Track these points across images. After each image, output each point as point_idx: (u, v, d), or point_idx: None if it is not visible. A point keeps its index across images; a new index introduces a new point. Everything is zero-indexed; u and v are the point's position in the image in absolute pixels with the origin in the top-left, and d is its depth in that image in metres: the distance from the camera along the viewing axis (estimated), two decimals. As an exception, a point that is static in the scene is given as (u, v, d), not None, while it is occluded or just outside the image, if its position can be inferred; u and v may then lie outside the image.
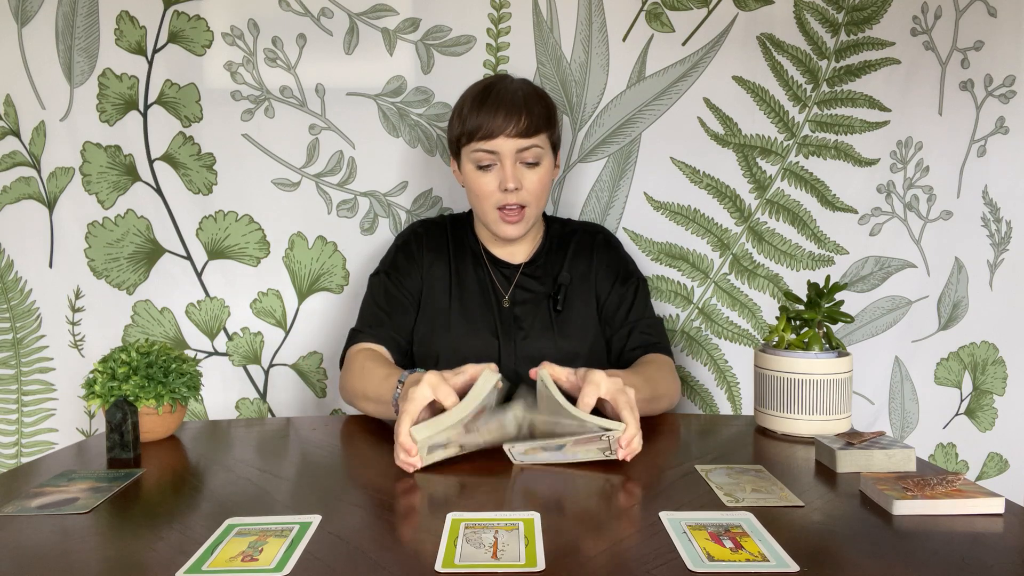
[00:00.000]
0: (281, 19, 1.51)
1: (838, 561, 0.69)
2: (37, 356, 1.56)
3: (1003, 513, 0.78)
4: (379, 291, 1.35)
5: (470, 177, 1.30)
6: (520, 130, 1.24)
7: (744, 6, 1.54)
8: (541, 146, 1.28)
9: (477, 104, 1.26)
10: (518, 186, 1.27)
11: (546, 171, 1.30)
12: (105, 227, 1.53)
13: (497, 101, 1.25)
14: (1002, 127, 1.63)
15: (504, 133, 1.24)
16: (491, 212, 1.30)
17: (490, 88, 1.28)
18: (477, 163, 1.28)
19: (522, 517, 0.77)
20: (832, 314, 1.13)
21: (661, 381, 1.24)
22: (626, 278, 1.38)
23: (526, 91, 1.29)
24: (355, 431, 1.18)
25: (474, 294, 1.35)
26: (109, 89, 1.50)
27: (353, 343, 1.30)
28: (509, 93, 1.26)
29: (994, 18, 1.59)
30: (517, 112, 1.24)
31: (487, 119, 1.24)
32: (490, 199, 1.29)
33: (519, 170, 1.28)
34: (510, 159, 1.26)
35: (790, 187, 1.59)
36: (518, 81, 1.32)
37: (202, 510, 0.83)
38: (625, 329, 1.35)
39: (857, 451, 0.92)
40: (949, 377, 1.69)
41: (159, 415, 1.08)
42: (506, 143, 1.25)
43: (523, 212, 1.30)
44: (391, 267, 1.37)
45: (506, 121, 1.24)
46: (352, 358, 1.26)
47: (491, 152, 1.26)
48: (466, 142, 1.28)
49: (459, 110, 1.30)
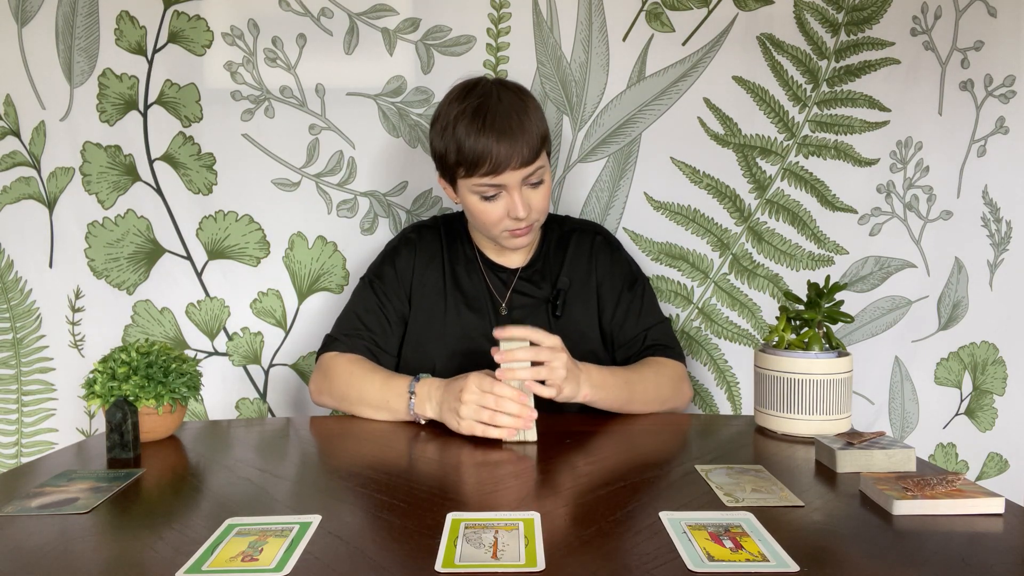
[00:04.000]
0: (281, 19, 1.51)
1: (838, 561, 0.69)
2: (37, 356, 1.57)
3: (1003, 513, 0.78)
4: (360, 300, 1.35)
5: (474, 206, 1.24)
6: (524, 159, 1.18)
7: (744, 6, 1.54)
8: (543, 165, 1.24)
9: (474, 132, 1.17)
10: (528, 212, 1.22)
11: (548, 184, 1.26)
12: (105, 227, 1.53)
13: (495, 130, 1.16)
14: (1002, 127, 1.63)
15: (510, 167, 1.17)
16: (500, 234, 1.27)
17: (483, 111, 1.18)
18: (481, 195, 1.22)
19: (522, 517, 0.77)
20: (832, 314, 1.13)
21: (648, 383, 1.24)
22: (632, 283, 1.37)
23: (517, 108, 1.19)
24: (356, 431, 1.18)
25: (470, 300, 1.34)
26: (109, 89, 1.50)
27: (327, 350, 1.31)
28: (504, 117, 1.17)
29: (994, 18, 1.59)
30: (520, 141, 1.17)
31: (488, 152, 1.16)
32: (499, 225, 1.25)
33: (526, 193, 1.22)
34: (516, 189, 1.20)
35: (790, 187, 1.59)
36: (503, 92, 1.21)
37: (202, 510, 0.83)
38: (640, 338, 1.34)
39: (857, 451, 0.92)
40: (949, 377, 1.69)
41: (159, 415, 1.08)
42: (512, 176, 1.19)
43: (531, 227, 1.27)
44: (376, 276, 1.36)
45: (509, 154, 1.16)
46: (331, 363, 1.27)
47: (496, 185, 1.20)
48: (465, 174, 1.20)
49: (449, 131, 1.20)
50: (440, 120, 1.23)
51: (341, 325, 1.34)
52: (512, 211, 1.22)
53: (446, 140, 1.21)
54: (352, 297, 1.37)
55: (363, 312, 1.33)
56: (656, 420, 1.19)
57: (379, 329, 1.32)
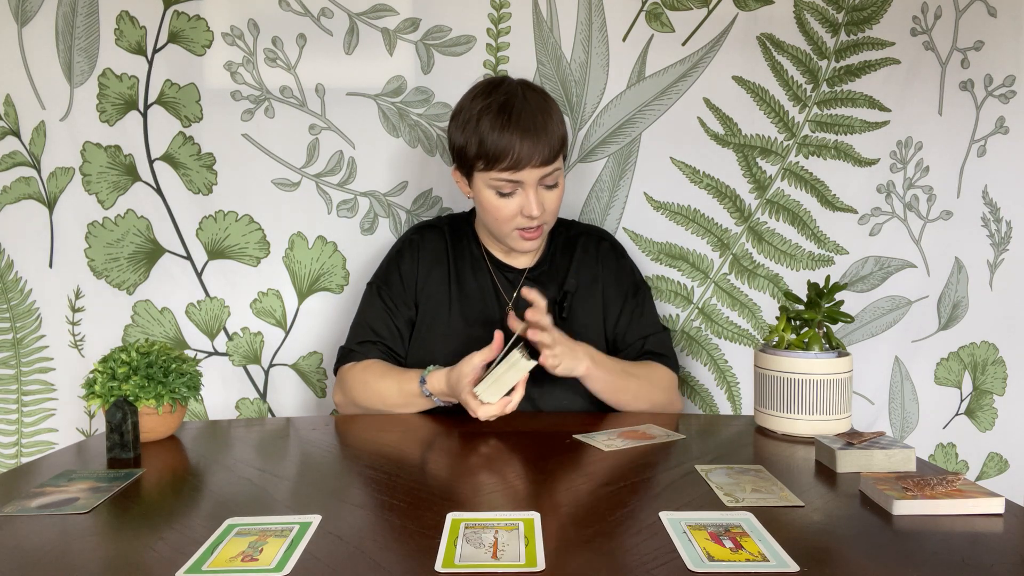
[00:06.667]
0: (281, 19, 1.51)
1: (838, 561, 0.69)
2: (37, 356, 1.56)
3: (1003, 513, 0.78)
4: (368, 307, 1.38)
5: (488, 201, 1.26)
6: (544, 158, 1.20)
7: (744, 6, 1.54)
8: (560, 168, 1.26)
9: (498, 127, 1.19)
10: (541, 212, 1.24)
11: (562, 188, 1.29)
12: (105, 227, 1.53)
13: (520, 127, 1.19)
14: (1002, 127, 1.63)
15: (531, 165, 1.20)
16: (510, 233, 1.28)
17: (509, 108, 1.20)
18: (498, 190, 1.24)
19: (522, 517, 0.77)
20: (832, 314, 1.13)
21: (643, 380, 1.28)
22: (635, 291, 1.39)
23: (542, 109, 1.22)
24: (356, 431, 1.18)
25: (476, 300, 1.35)
26: (109, 89, 1.50)
27: (344, 362, 1.34)
28: (529, 116, 1.20)
29: (994, 18, 1.59)
30: (542, 141, 1.19)
31: (511, 148, 1.18)
32: (511, 223, 1.26)
33: (541, 194, 1.24)
34: (533, 188, 1.23)
35: (790, 187, 1.59)
36: (529, 93, 1.24)
37: (202, 510, 0.83)
38: (637, 344, 1.36)
39: (857, 451, 0.92)
40: (949, 377, 1.69)
41: (159, 415, 1.08)
42: (531, 174, 1.21)
43: (541, 229, 1.29)
44: (383, 281, 1.38)
45: (532, 151, 1.19)
46: (346, 375, 1.31)
47: (514, 181, 1.22)
48: (484, 167, 1.22)
49: (471, 124, 1.22)
50: (462, 114, 1.25)
51: (354, 335, 1.37)
52: (526, 209, 1.23)
53: (468, 133, 1.23)
54: (361, 304, 1.39)
55: (373, 320, 1.35)
56: (656, 420, 1.19)
57: (389, 335, 1.34)
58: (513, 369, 1.09)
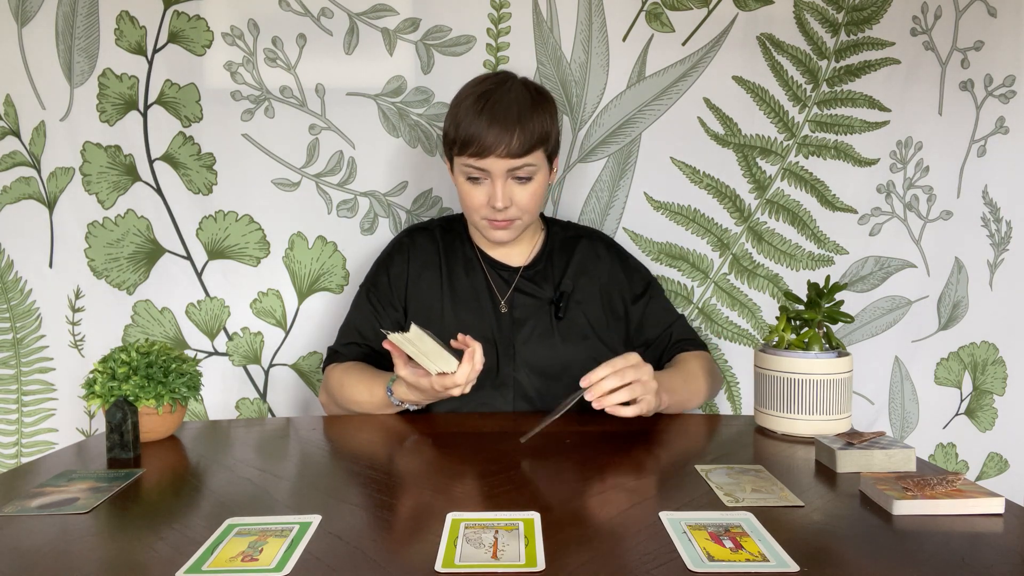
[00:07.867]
0: (281, 19, 1.51)
1: (838, 561, 0.69)
2: (37, 356, 1.56)
3: (1003, 513, 0.78)
4: (356, 310, 1.39)
5: (461, 186, 1.27)
6: (512, 151, 1.19)
7: (744, 6, 1.54)
8: (534, 163, 1.23)
9: (473, 113, 1.20)
10: (507, 204, 1.24)
11: (539, 185, 1.27)
12: (105, 227, 1.53)
13: (491, 115, 1.19)
14: (1002, 127, 1.63)
15: (495, 154, 1.19)
16: (479, 221, 1.29)
17: (488, 96, 1.21)
18: (467, 175, 1.25)
19: (522, 517, 0.77)
20: (832, 314, 1.13)
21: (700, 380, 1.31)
22: (647, 287, 1.41)
23: (523, 103, 1.21)
24: (355, 431, 1.18)
25: (468, 300, 1.34)
26: (109, 89, 1.50)
27: (330, 362, 1.37)
28: (504, 106, 1.20)
29: (994, 18, 1.59)
30: (509, 131, 1.18)
31: (478, 134, 1.19)
32: (479, 211, 1.27)
33: (510, 186, 1.23)
34: (501, 178, 1.22)
35: (790, 187, 1.59)
36: (518, 87, 1.24)
37: (202, 510, 0.83)
38: (665, 336, 1.39)
39: (857, 451, 0.92)
40: (949, 377, 1.69)
41: (159, 415, 1.08)
42: (496, 163, 1.20)
43: (512, 222, 1.28)
44: (372, 285, 1.39)
45: (497, 141, 1.18)
46: (328, 375, 1.34)
47: (481, 169, 1.22)
48: (458, 152, 1.23)
49: (455, 108, 1.24)
50: (455, 99, 1.28)
51: (340, 337, 1.39)
52: (491, 199, 1.24)
53: (450, 118, 1.26)
54: (351, 306, 1.41)
55: (359, 322, 1.37)
56: (656, 420, 1.19)
57: (375, 337, 1.35)
58: (422, 340, 1.04)
